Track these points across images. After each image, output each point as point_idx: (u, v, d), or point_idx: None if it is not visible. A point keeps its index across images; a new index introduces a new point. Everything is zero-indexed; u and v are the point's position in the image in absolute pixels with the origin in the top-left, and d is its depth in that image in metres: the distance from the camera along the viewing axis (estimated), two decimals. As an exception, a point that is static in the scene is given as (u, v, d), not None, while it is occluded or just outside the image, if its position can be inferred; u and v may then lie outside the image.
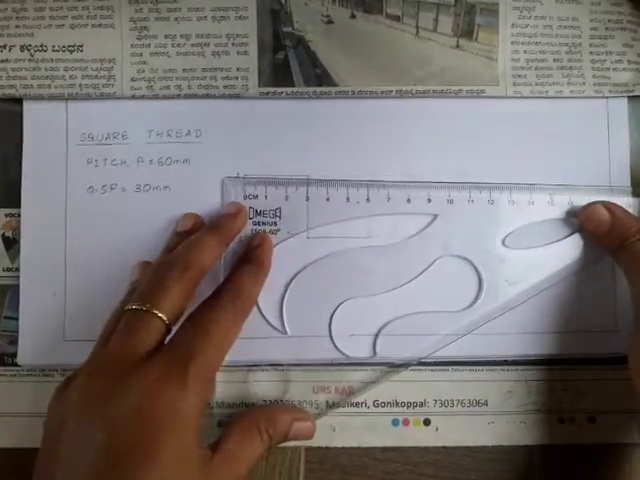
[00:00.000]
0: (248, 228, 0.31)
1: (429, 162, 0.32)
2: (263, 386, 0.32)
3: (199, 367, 0.24)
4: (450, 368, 0.32)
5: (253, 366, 0.31)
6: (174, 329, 0.25)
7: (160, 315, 0.25)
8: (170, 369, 0.23)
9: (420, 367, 0.32)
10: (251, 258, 0.30)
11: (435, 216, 0.31)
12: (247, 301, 0.28)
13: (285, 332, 0.31)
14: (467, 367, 0.32)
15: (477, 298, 0.31)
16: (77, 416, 0.23)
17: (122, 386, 0.23)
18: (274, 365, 0.32)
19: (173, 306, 0.25)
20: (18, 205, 0.32)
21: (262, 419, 0.27)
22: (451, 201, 0.31)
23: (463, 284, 0.31)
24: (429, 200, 0.31)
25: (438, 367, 0.32)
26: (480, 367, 0.32)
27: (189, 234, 0.29)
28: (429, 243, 0.31)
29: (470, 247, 0.31)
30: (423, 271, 0.31)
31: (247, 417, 0.27)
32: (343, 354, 0.31)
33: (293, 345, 0.31)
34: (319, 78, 0.31)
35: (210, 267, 0.27)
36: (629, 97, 0.32)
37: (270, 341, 0.31)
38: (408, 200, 0.31)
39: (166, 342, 0.25)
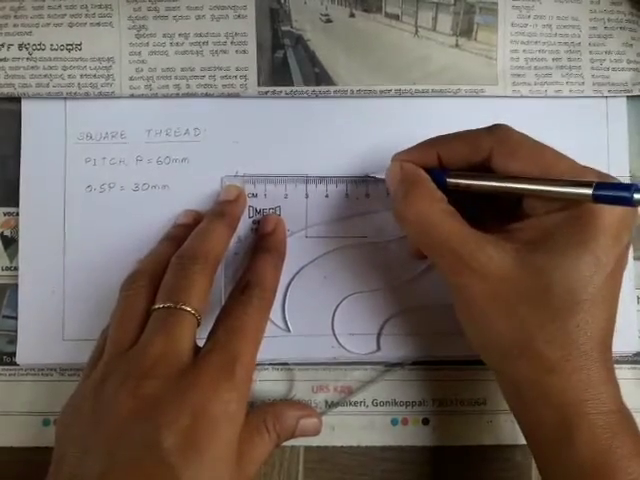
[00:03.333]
0: (248, 227, 0.31)
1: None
2: (268, 385, 0.32)
3: (243, 367, 0.24)
4: (448, 367, 0.32)
5: (258, 365, 0.31)
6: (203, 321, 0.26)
7: (191, 311, 0.25)
8: (220, 373, 0.24)
9: (419, 366, 0.32)
10: (269, 246, 0.30)
11: None
12: (272, 293, 0.28)
13: (288, 330, 0.31)
14: (465, 366, 0.32)
15: None
16: (129, 416, 0.23)
17: (175, 389, 0.23)
18: (279, 364, 0.32)
19: (200, 299, 0.26)
20: (17, 204, 0.31)
21: (269, 417, 0.27)
22: None
23: None
24: None
25: (436, 366, 0.32)
26: (478, 366, 0.32)
27: (190, 227, 0.29)
28: None
29: None
30: (425, 265, 0.31)
31: (254, 416, 0.27)
32: (347, 350, 0.31)
33: (297, 343, 0.31)
34: (318, 77, 0.31)
35: (224, 255, 0.28)
36: (628, 97, 0.32)
37: (274, 340, 0.31)
38: None
39: (205, 342, 0.25)
